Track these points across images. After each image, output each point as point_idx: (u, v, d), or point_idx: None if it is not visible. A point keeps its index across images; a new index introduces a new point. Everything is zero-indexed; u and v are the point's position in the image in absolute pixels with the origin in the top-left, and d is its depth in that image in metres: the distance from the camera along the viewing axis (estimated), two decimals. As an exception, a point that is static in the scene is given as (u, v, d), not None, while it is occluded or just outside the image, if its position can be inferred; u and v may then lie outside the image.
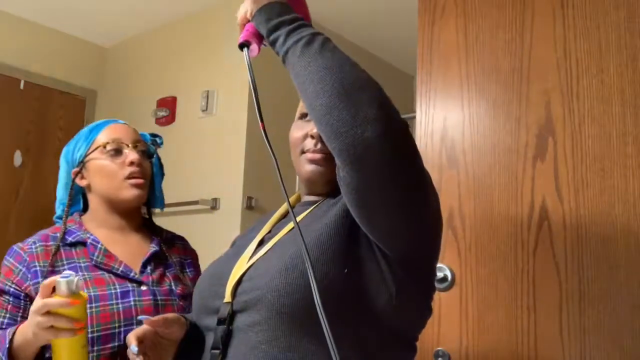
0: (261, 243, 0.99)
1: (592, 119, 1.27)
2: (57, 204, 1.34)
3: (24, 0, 2.96)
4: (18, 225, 3.00)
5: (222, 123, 2.79)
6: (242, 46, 0.92)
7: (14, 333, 1.02)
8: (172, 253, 1.30)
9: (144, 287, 1.18)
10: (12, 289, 1.15)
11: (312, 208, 0.98)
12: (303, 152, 0.98)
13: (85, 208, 1.33)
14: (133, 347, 0.90)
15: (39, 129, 3.15)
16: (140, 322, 1.12)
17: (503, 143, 1.38)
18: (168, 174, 1.43)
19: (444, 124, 1.48)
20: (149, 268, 1.22)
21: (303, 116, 1.00)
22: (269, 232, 1.02)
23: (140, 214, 1.34)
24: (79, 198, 1.34)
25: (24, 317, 1.10)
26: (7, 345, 1.01)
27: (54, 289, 0.92)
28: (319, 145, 0.95)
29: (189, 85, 2.96)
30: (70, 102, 3.32)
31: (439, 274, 1.40)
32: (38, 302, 0.92)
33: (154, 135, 1.38)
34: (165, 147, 3.20)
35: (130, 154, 1.24)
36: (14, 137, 3.05)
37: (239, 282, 0.89)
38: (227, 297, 0.89)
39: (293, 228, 0.93)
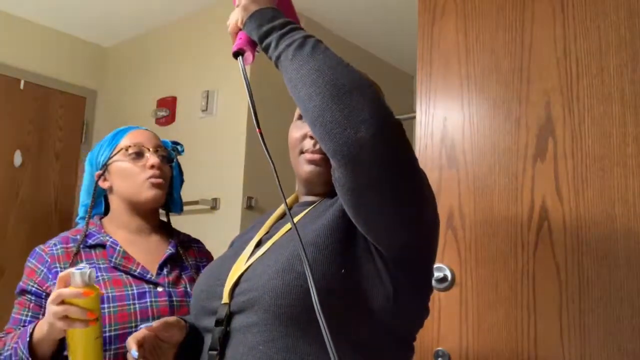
0: (259, 244, 0.99)
1: (592, 119, 1.27)
2: (80, 205, 1.40)
3: (25, 0, 2.96)
4: (18, 225, 3.00)
5: (222, 123, 2.79)
6: (236, 55, 0.92)
7: (33, 328, 1.06)
8: (188, 255, 1.34)
9: (160, 289, 1.22)
10: (34, 289, 1.20)
11: (309, 209, 0.98)
12: (302, 152, 0.98)
13: (106, 211, 1.39)
14: (133, 351, 0.90)
15: (38, 129, 3.15)
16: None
17: (503, 143, 1.38)
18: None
19: (444, 124, 1.48)
20: (165, 270, 1.26)
21: (301, 116, 1.00)
22: (267, 232, 1.02)
23: (158, 217, 1.39)
24: (100, 201, 1.40)
25: None
26: (28, 339, 1.05)
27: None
28: (317, 146, 0.96)
29: (189, 85, 2.96)
30: (70, 102, 3.31)
31: (439, 274, 1.40)
32: (54, 292, 0.95)
33: (175, 143, 1.43)
34: (165, 147, 3.14)
35: (151, 158, 1.30)
36: (14, 137, 3.05)
37: (236, 283, 0.89)
38: (225, 298, 0.89)
39: (291, 229, 0.93)
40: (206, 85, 2.87)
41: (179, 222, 1.53)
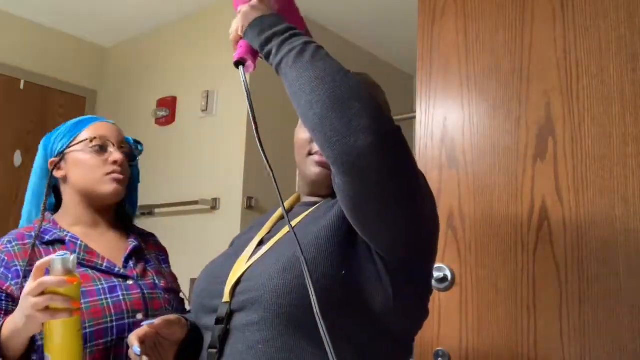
0: (261, 243, 0.99)
1: (592, 119, 1.27)
2: (27, 195, 1.30)
3: (25, 0, 2.96)
4: (18, 225, 3.00)
5: (222, 123, 2.79)
6: (237, 64, 0.91)
7: (0, 326, 0.99)
8: (148, 249, 1.31)
9: (130, 282, 1.17)
10: None
11: (311, 209, 0.98)
12: (310, 154, 0.98)
13: (57, 207, 1.31)
14: (135, 347, 0.90)
15: (39, 129, 3.15)
16: (133, 316, 1.12)
17: (503, 143, 1.38)
18: (168, 174, 1.44)
19: (444, 124, 1.48)
20: (131, 263, 1.21)
21: None
22: (269, 232, 1.02)
23: (113, 212, 1.32)
24: (50, 192, 1.29)
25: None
26: None
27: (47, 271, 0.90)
28: None
29: (189, 85, 2.96)
30: (70, 102, 3.32)
31: (439, 274, 1.40)
32: (32, 283, 0.89)
33: (136, 142, 1.37)
34: (165, 147, 3.19)
35: (115, 154, 1.24)
36: (14, 137, 3.05)
37: (237, 282, 0.90)
38: (226, 297, 0.89)
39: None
40: (206, 85, 2.87)
41: (179, 222, 1.53)
